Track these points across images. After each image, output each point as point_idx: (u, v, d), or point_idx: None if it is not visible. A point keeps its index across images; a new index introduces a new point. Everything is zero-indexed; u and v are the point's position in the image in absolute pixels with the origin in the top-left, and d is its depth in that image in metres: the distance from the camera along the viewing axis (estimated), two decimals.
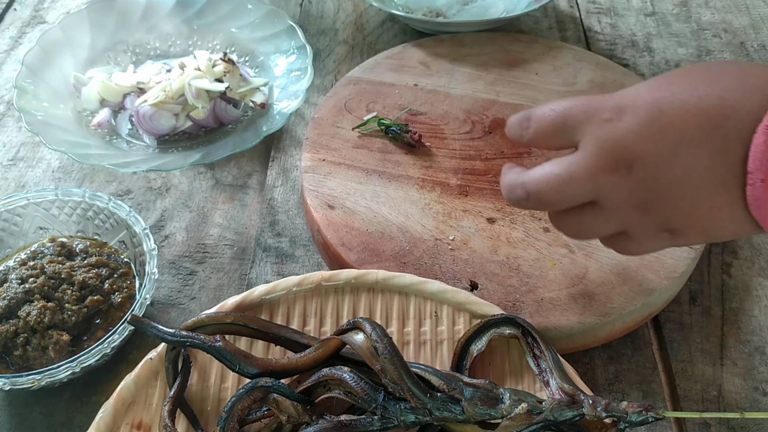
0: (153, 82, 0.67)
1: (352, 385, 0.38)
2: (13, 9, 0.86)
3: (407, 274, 0.47)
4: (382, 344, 0.39)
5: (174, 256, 0.59)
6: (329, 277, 0.47)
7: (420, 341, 0.45)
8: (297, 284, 0.47)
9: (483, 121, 0.64)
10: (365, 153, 0.61)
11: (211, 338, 0.40)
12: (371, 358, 0.39)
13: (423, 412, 0.38)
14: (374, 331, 0.40)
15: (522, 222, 0.55)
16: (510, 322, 0.44)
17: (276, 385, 0.39)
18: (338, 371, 0.39)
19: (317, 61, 0.77)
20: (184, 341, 0.41)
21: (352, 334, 0.41)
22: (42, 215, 0.55)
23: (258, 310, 0.46)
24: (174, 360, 0.43)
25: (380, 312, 0.46)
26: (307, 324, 0.46)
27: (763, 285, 0.56)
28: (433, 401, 0.38)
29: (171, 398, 0.41)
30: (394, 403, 0.38)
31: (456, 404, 0.38)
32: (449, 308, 0.46)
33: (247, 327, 0.43)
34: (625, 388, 0.50)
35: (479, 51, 0.71)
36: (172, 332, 0.41)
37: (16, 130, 0.70)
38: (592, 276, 0.51)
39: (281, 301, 0.47)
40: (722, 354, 0.52)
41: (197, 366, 0.44)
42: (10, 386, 0.44)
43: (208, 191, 0.64)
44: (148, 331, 0.42)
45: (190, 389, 0.43)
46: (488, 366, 0.44)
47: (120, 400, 0.42)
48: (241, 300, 0.46)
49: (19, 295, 0.48)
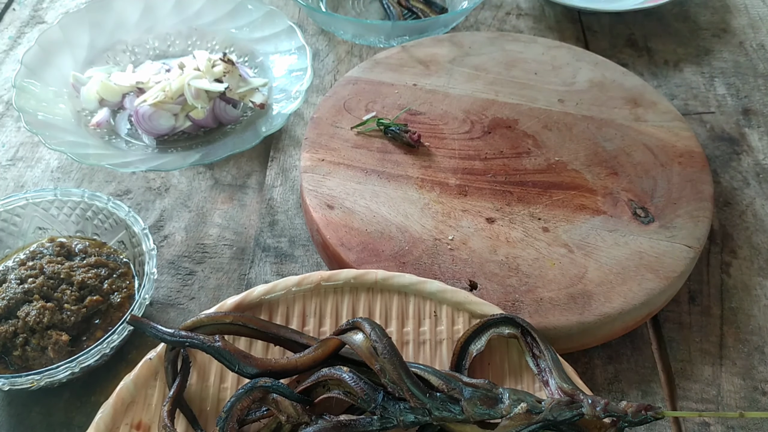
0: (152, 82, 0.67)
1: (351, 385, 0.38)
2: (12, 9, 0.86)
3: (407, 273, 0.47)
4: (382, 344, 0.39)
5: (173, 256, 0.58)
6: (328, 277, 0.47)
7: (419, 341, 0.45)
8: (296, 284, 0.47)
9: (482, 121, 0.64)
10: (364, 153, 0.61)
11: (210, 338, 0.40)
12: (370, 358, 0.39)
13: (422, 412, 0.38)
14: (373, 331, 0.40)
15: (521, 222, 0.55)
16: (509, 322, 0.44)
17: (275, 385, 0.39)
18: (337, 371, 0.39)
19: (316, 61, 0.77)
20: (184, 341, 0.41)
21: (352, 334, 0.41)
22: (41, 215, 0.55)
23: (257, 310, 0.46)
24: (173, 360, 0.43)
25: (379, 312, 0.46)
26: (306, 324, 0.46)
27: (762, 285, 0.56)
28: (433, 401, 0.38)
29: (170, 398, 0.41)
30: (394, 403, 0.38)
31: (455, 404, 0.38)
32: (448, 308, 0.46)
33: (246, 327, 0.43)
34: (625, 387, 0.50)
35: (478, 51, 0.71)
36: (172, 332, 0.41)
37: (15, 130, 0.70)
38: (591, 276, 0.51)
39: (280, 301, 0.47)
40: (721, 353, 0.52)
41: (196, 366, 0.44)
42: (10, 386, 0.44)
43: (207, 191, 0.64)
44: (147, 331, 0.42)
45: (190, 389, 0.43)
46: (487, 366, 0.44)
47: (119, 400, 0.42)
48: (241, 300, 0.46)
49: (18, 296, 0.48)
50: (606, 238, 0.54)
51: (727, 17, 0.84)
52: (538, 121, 0.64)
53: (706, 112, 0.72)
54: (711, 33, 0.82)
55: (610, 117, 0.64)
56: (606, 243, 0.53)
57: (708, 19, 0.84)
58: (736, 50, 0.80)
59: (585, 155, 0.60)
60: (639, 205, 0.56)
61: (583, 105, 0.65)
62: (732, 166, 0.66)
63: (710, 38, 0.81)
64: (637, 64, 0.78)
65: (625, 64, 0.77)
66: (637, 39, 0.81)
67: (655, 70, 0.77)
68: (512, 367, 0.44)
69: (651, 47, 0.80)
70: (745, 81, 0.76)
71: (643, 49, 0.80)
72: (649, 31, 0.82)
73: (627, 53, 0.79)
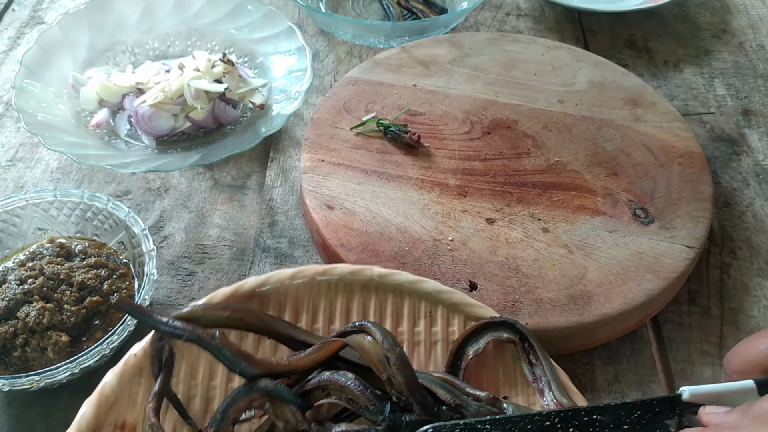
0: (152, 82, 0.67)
1: (356, 394, 0.37)
2: (11, 9, 0.86)
3: (404, 271, 0.46)
4: (395, 354, 0.38)
5: (173, 256, 0.58)
6: (324, 271, 0.45)
7: (414, 341, 0.45)
8: (290, 277, 0.45)
9: (482, 122, 0.64)
10: (364, 153, 0.61)
11: (209, 333, 0.37)
12: (380, 366, 0.38)
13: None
14: (386, 340, 0.39)
15: (521, 222, 0.55)
16: (509, 327, 0.44)
17: (277, 388, 0.38)
18: (342, 377, 0.38)
19: (316, 61, 0.77)
20: (180, 334, 0.37)
21: (359, 337, 0.40)
22: (41, 216, 0.55)
23: (249, 303, 0.44)
24: (159, 351, 0.40)
25: (374, 311, 0.46)
26: (299, 320, 0.45)
27: (762, 285, 0.56)
28: (440, 415, 0.37)
29: (155, 394, 0.38)
30: (400, 414, 0.37)
31: (461, 418, 0.38)
32: (444, 309, 0.46)
33: (244, 321, 0.40)
34: (624, 388, 0.50)
35: (478, 51, 0.71)
36: (166, 321, 0.37)
37: (14, 131, 0.70)
38: (591, 276, 0.51)
39: (272, 294, 0.45)
40: (721, 354, 0.52)
41: (183, 360, 0.41)
42: (9, 387, 0.44)
43: (207, 192, 0.64)
44: (138, 316, 0.38)
45: (177, 387, 0.41)
46: (482, 368, 0.44)
47: (102, 398, 0.39)
48: (233, 291, 0.44)
49: (18, 296, 0.48)
50: (606, 238, 0.54)
51: (726, 18, 0.84)
52: (537, 122, 0.64)
53: (705, 113, 0.72)
54: (711, 33, 0.82)
55: (610, 117, 0.64)
56: (606, 244, 0.53)
57: (708, 20, 0.84)
58: (736, 51, 0.80)
59: (585, 156, 0.60)
60: (639, 205, 0.56)
61: (583, 105, 0.65)
62: (732, 166, 0.66)
63: (710, 39, 0.81)
64: (637, 65, 0.78)
65: (624, 64, 0.77)
66: (636, 39, 0.81)
67: (655, 71, 0.77)
68: (507, 373, 0.44)
69: (651, 48, 0.80)
70: (744, 81, 0.76)
71: (642, 49, 0.80)
72: (649, 31, 0.82)
73: (627, 54, 0.79)
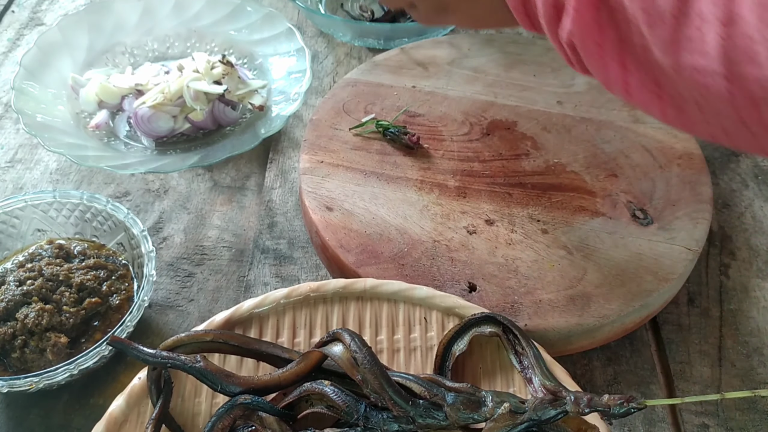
0: (151, 83, 0.67)
1: (333, 399, 0.38)
2: (11, 11, 0.86)
3: (395, 281, 0.47)
4: (362, 354, 0.39)
5: (172, 258, 0.58)
6: (317, 288, 0.46)
7: (410, 348, 0.45)
8: (285, 296, 0.46)
9: (481, 123, 0.64)
10: (363, 155, 0.61)
11: (191, 358, 0.40)
12: (351, 369, 0.39)
13: (406, 421, 0.37)
14: (353, 342, 0.39)
15: (520, 224, 0.55)
16: (490, 320, 0.44)
17: (255, 401, 0.38)
18: (319, 385, 0.39)
19: (315, 63, 0.77)
20: (165, 362, 0.40)
21: (332, 345, 0.41)
22: (40, 217, 0.55)
23: (248, 324, 0.46)
24: (156, 380, 0.42)
25: (369, 320, 0.46)
26: (297, 336, 0.45)
27: (761, 286, 0.56)
28: (416, 409, 0.37)
29: (153, 420, 0.40)
30: (377, 413, 0.38)
31: (439, 410, 0.38)
32: (438, 313, 0.46)
33: (228, 344, 0.42)
34: (624, 389, 0.50)
35: (477, 53, 0.71)
36: (153, 353, 0.40)
37: (14, 132, 0.70)
38: (590, 277, 0.51)
39: (270, 314, 0.46)
40: (720, 355, 0.52)
41: (179, 384, 0.43)
42: (8, 388, 0.44)
43: (206, 193, 0.64)
44: (128, 351, 0.40)
45: (174, 409, 0.42)
46: (471, 365, 0.44)
47: (112, 420, 0.41)
48: (230, 315, 0.45)
49: (16, 297, 0.48)
50: (605, 239, 0.54)
51: None
52: (537, 123, 0.64)
53: None
54: None
55: (609, 119, 0.64)
56: (605, 245, 0.53)
57: None
58: None
59: (584, 157, 0.61)
60: (638, 206, 0.56)
61: (582, 107, 0.65)
62: (731, 167, 0.66)
63: None
64: None
65: None
66: None
67: None
68: (496, 366, 0.44)
69: None
70: None
71: None
72: None
73: None
